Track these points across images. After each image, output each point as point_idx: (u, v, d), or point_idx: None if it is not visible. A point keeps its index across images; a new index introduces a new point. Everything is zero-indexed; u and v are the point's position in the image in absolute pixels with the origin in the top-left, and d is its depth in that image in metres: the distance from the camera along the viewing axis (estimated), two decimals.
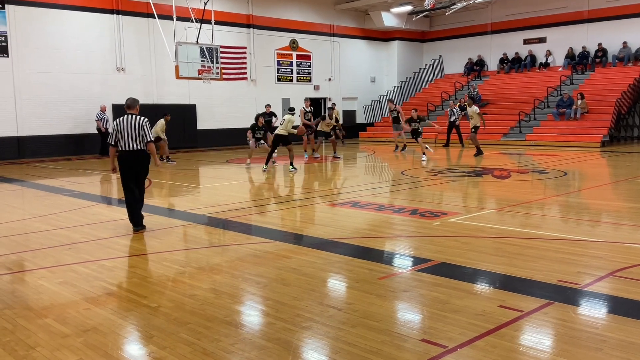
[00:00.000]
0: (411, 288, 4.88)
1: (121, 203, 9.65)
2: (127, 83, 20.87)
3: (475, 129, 17.38)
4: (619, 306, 4.42)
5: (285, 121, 14.25)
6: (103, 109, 19.05)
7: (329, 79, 28.01)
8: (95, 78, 20.15)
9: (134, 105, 7.48)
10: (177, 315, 4.31)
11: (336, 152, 18.32)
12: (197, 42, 19.05)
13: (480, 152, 17.42)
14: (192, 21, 19.36)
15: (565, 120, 22.38)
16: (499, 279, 5.15)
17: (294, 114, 14.76)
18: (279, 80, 25.97)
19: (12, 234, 7.35)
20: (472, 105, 17.85)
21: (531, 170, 14.12)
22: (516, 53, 27.80)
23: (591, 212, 8.64)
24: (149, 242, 6.81)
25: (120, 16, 20.66)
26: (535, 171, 13.78)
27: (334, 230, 7.26)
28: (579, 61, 25.40)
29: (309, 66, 27.20)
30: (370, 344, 3.70)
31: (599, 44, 25.03)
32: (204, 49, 19.06)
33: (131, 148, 7.24)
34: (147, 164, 7.47)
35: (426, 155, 16.68)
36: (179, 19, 19.08)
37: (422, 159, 16.40)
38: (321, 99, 28.00)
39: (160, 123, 16.50)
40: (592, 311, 4.34)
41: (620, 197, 10.14)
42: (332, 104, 24.06)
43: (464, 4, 25.20)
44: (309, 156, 17.50)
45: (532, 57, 27.28)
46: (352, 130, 28.56)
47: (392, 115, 19.97)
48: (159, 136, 16.19)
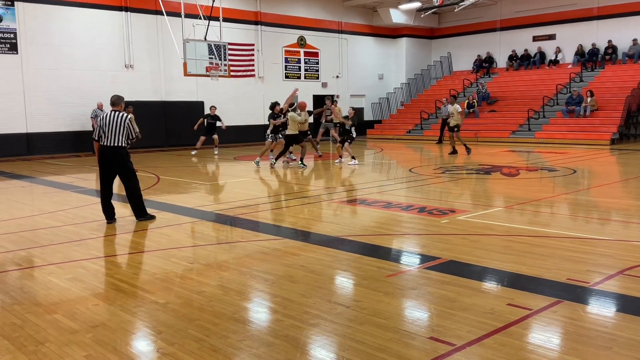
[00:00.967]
0: (419, 286, 4.87)
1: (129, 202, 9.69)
2: (135, 80, 20.92)
3: (457, 127, 17.30)
4: (628, 305, 4.39)
5: (289, 120, 14.17)
6: (100, 106, 18.89)
7: (337, 76, 27.97)
8: (104, 75, 20.21)
9: (119, 102, 7.76)
10: (186, 311, 4.32)
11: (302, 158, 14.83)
12: (205, 39, 19.05)
13: (455, 152, 17.40)
14: (200, 18, 19.37)
15: (575, 117, 22.25)
16: (507, 277, 5.13)
17: (295, 109, 14.62)
18: (286, 77, 25.96)
19: (21, 230, 7.40)
20: (454, 103, 17.67)
21: (540, 168, 14.05)
22: (525, 50, 27.65)
23: (600, 210, 8.59)
24: (157, 239, 6.83)
25: (129, 13, 20.72)
26: (544, 169, 13.71)
27: (342, 228, 7.26)
28: (588, 58, 25.24)
29: (317, 63, 27.18)
30: (378, 341, 3.70)
31: (609, 41, 24.85)
32: (212, 46, 19.07)
33: (112, 144, 7.50)
34: (127, 160, 7.65)
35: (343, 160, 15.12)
36: (187, 16, 19.09)
37: (349, 163, 14.70)
38: (329, 96, 27.91)
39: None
40: (602, 310, 4.31)
41: (630, 195, 10.07)
42: (336, 96, 23.52)
43: (472, 0, 25.09)
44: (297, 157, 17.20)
45: (542, 54, 27.13)
46: (359, 127, 28.45)
47: (328, 115, 18.52)
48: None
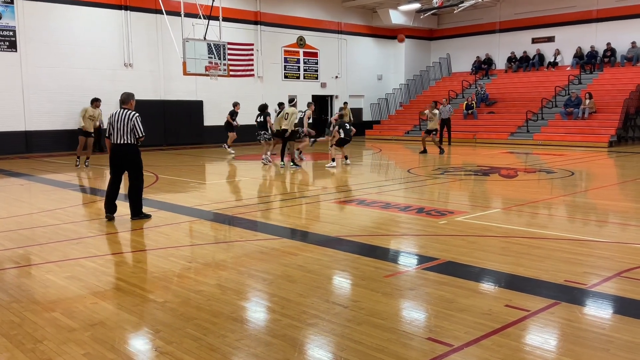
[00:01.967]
0: (417, 286, 4.87)
1: (127, 199, 9.70)
2: (134, 79, 20.91)
3: (435, 131, 18.00)
4: (625, 307, 4.40)
5: (290, 115, 14.06)
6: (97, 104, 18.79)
7: (336, 77, 27.98)
8: (103, 73, 20.20)
9: (128, 99, 7.75)
10: (184, 310, 4.32)
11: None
12: (204, 38, 19.05)
13: (425, 152, 17.76)
14: (199, 17, 19.37)
15: (573, 120, 22.28)
16: (505, 278, 5.14)
17: (295, 105, 14.43)
18: (285, 77, 25.96)
19: (19, 228, 7.39)
20: (435, 108, 17.98)
21: (538, 169, 14.07)
22: (524, 52, 27.69)
23: (598, 213, 8.61)
24: (156, 238, 6.83)
25: (129, 12, 20.71)
26: (542, 171, 13.73)
27: (340, 228, 7.26)
28: (587, 61, 25.28)
29: (316, 63, 27.18)
30: (376, 341, 3.70)
31: (608, 44, 24.90)
32: (212, 45, 19.07)
33: (120, 142, 7.55)
34: (135, 158, 7.70)
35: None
36: (186, 15, 19.07)
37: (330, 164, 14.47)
38: (327, 96, 27.98)
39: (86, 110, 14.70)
40: (599, 311, 4.32)
41: (628, 197, 10.09)
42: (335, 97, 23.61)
43: (472, 2, 25.11)
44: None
45: (541, 56, 27.17)
46: (358, 128, 28.50)
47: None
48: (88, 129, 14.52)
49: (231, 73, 20.65)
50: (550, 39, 27.07)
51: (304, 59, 26.65)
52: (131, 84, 20.56)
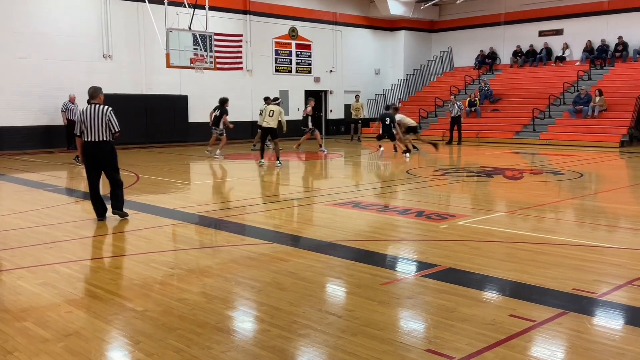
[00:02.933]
0: (416, 295, 4.88)
1: (106, 200, 9.66)
2: (114, 71, 20.84)
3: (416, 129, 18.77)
4: (638, 317, 4.42)
5: (275, 113, 14.35)
6: (72, 99, 18.73)
7: (330, 70, 28.01)
8: (80, 66, 20.10)
9: (97, 94, 7.76)
10: (166, 320, 4.31)
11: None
12: (189, 28, 19.02)
13: (409, 151, 17.91)
14: (184, 6, 19.33)
15: (582, 118, 22.39)
16: (509, 286, 5.15)
17: (279, 103, 14.82)
18: (276, 70, 25.97)
19: None
20: (397, 114, 18.31)
21: (545, 171, 14.13)
22: (531, 45, 27.79)
23: (609, 217, 8.65)
24: (136, 242, 6.81)
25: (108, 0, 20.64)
26: (549, 172, 13.79)
27: (334, 232, 7.26)
28: (597, 55, 25.40)
29: (309, 56, 27.20)
30: (371, 353, 3.71)
31: (620, 37, 25.02)
32: (197, 36, 19.04)
33: (96, 139, 7.58)
34: (113, 155, 7.80)
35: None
36: (170, 3, 19.04)
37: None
38: (321, 91, 28.00)
39: None
40: (609, 322, 4.34)
41: None
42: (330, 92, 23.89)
43: None
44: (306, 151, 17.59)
45: (548, 50, 27.27)
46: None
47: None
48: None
49: (218, 66, 20.63)
50: (559, 32, 27.18)
51: (296, 51, 26.66)
52: (110, 76, 20.50)
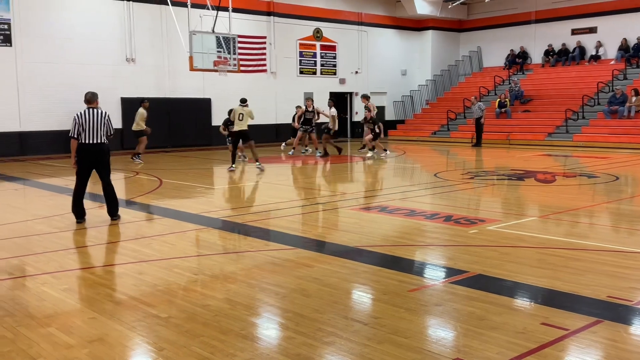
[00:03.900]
0: (444, 302, 4.85)
1: (129, 205, 9.79)
2: (137, 75, 21.13)
3: (330, 130, 18.28)
4: None
5: (244, 115, 14.55)
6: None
7: (356, 72, 27.99)
8: (104, 69, 20.42)
9: (94, 99, 8.34)
10: (189, 326, 4.35)
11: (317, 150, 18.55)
12: (213, 31, 19.18)
13: (327, 154, 17.95)
14: (207, 8, 19.51)
15: (618, 119, 22.04)
16: (541, 293, 5.10)
17: (247, 106, 14.99)
18: (301, 72, 26.05)
19: (13, 236, 7.49)
20: (332, 107, 18.42)
21: (579, 174, 13.94)
22: (563, 44, 27.46)
23: None
24: (160, 247, 6.88)
25: (131, 3, 20.93)
26: (583, 175, 13.60)
27: (360, 237, 7.25)
28: (633, 54, 24.99)
29: (334, 58, 27.23)
30: None
31: None
32: (221, 38, 19.19)
33: (94, 141, 8.07)
34: (108, 156, 8.32)
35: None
36: (193, 6, 19.24)
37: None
38: (347, 93, 28.00)
39: (140, 113, 16.43)
40: None
41: None
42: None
43: None
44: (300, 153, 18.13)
45: (581, 49, 26.93)
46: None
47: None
48: (142, 129, 16.33)
49: (242, 68, 20.77)
50: (592, 30, 26.81)
51: (321, 52, 26.71)
52: (133, 80, 20.81)
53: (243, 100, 15.07)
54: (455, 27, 31.18)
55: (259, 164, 14.62)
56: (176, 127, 22.04)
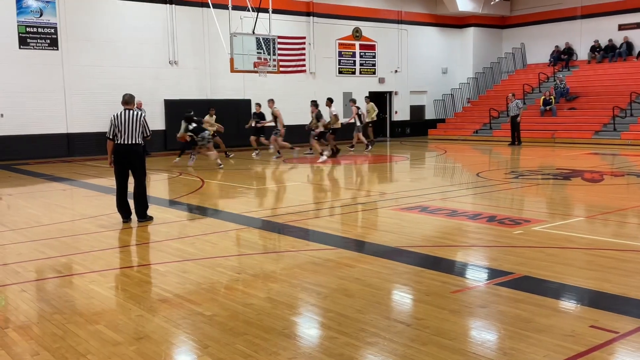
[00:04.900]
0: (489, 304, 4.79)
1: (172, 204, 9.96)
2: (179, 77, 21.47)
3: (328, 131, 17.74)
4: None
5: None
6: (139, 105, 19.33)
7: (395, 71, 27.86)
8: (147, 72, 20.81)
9: (132, 100, 8.60)
10: (233, 325, 4.40)
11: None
12: (253, 32, 19.36)
13: (336, 153, 17.92)
14: (248, 10, 19.70)
15: None
16: (590, 295, 5.00)
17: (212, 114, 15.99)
18: (340, 72, 26.05)
19: (61, 236, 7.70)
20: (331, 106, 18.08)
21: (627, 172, 13.61)
22: (610, 40, 26.80)
23: None
24: (202, 246, 6.98)
25: (174, 6, 21.28)
26: (631, 174, 13.28)
27: (401, 238, 7.22)
28: None
29: (373, 57, 27.15)
30: None
31: None
32: (261, 39, 19.34)
33: (130, 142, 8.18)
34: (143, 157, 8.44)
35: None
36: (234, 8, 19.44)
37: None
38: (386, 92, 27.89)
39: (206, 120, 17.36)
40: None
41: None
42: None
43: None
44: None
45: (629, 45, 26.25)
46: (420, 127, 28.36)
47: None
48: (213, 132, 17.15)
49: (281, 69, 20.89)
50: None
51: (360, 52, 26.67)
52: (176, 82, 21.16)
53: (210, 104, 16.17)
54: (498, 23, 30.73)
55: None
56: None
